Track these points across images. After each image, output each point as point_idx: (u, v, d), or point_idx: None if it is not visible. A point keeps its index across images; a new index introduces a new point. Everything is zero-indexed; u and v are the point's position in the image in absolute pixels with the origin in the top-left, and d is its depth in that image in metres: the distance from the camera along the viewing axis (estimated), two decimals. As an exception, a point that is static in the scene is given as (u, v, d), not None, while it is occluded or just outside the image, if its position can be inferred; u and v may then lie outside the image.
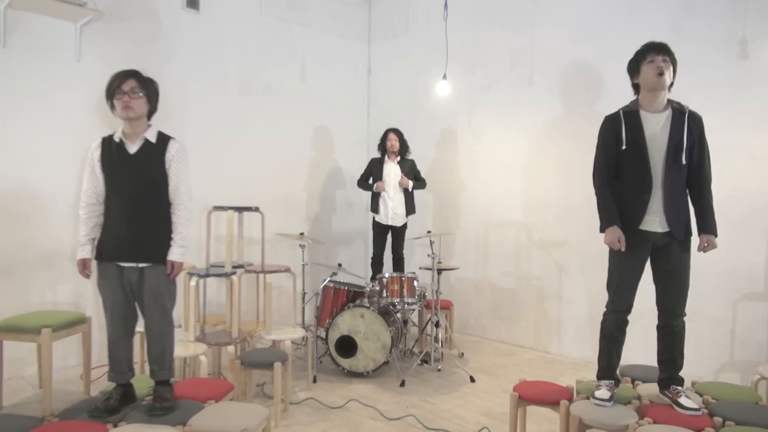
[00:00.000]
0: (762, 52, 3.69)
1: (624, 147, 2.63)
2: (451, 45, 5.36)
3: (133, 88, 2.52)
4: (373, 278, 4.57)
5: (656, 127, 2.60)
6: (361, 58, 6.31)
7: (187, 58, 4.77)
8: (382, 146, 5.04)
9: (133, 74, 2.55)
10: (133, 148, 2.56)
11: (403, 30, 6.00)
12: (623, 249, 2.61)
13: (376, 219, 5.07)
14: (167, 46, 4.65)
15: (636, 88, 2.71)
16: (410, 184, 4.99)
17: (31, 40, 3.96)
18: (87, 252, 2.61)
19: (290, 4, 5.55)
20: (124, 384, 2.62)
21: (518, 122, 5.01)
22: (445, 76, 5.23)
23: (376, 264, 5.10)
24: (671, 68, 2.59)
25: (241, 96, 5.17)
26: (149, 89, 2.59)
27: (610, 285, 2.72)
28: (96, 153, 2.59)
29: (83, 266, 2.62)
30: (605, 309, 2.75)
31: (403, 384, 3.91)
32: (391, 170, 4.99)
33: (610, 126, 2.70)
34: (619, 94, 4.31)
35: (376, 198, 5.04)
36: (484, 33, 5.25)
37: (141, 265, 2.56)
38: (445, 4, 5.34)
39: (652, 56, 2.58)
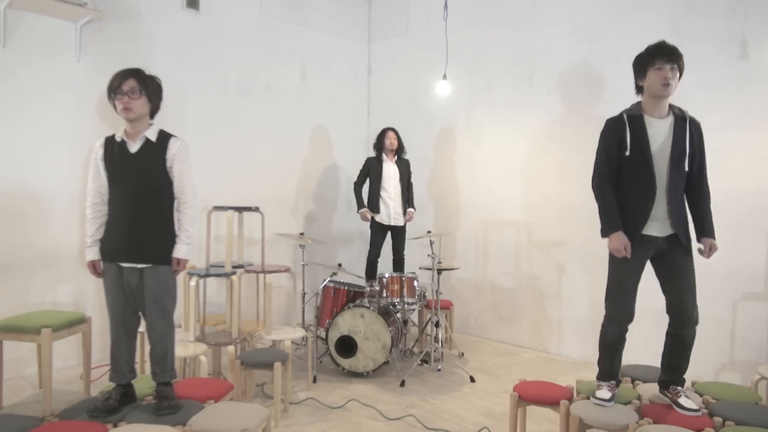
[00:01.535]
0: (762, 52, 3.69)
1: (628, 153, 2.58)
2: (451, 45, 5.36)
3: (133, 88, 2.49)
4: (368, 280, 4.57)
5: (660, 133, 2.56)
6: (361, 58, 6.31)
7: (187, 58, 4.77)
8: (380, 144, 5.00)
9: (133, 73, 2.52)
10: (134, 147, 2.55)
11: (403, 30, 6.00)
12: (629, 256, 2.56)
13: (376, 219, 5.01)
14: (167, 46, 4.65)
15: (639, 88, 2.66)
16: (413, 215, 5.08)
17: (31, 40, 3.96)
18: (95, 253, 2.60)
19: (290, 4, 5.55)
20: (124, 384, 2.61)
21: (518, 122, 5.01)
22: (445, 76, 5.23)
23: (372, 265, 5.03)
24: (678, 76, 2.54)
25: (241, 96, 5.17)
26: (149, 88, 2.56)
27: (611, 293, 2.65)
28: (99, 152, 2.58)
29: (93, 268, 2.62)
30: (605, 320, 2.67)
31: (403, 384, 3.91)
32: (391, 170, 4.98)
33: (612, 129, 2.64)
34: (619, 94, 4.32)
35: (375, 198, 5.00)
36: (484, 33, 5.25)
37: (140, 266, 2.55)
38: (445, 4, 5.34)
39: (661, 63, 2.51)
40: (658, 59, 2.52)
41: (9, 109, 3.88)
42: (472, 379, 4.05)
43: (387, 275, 4.26)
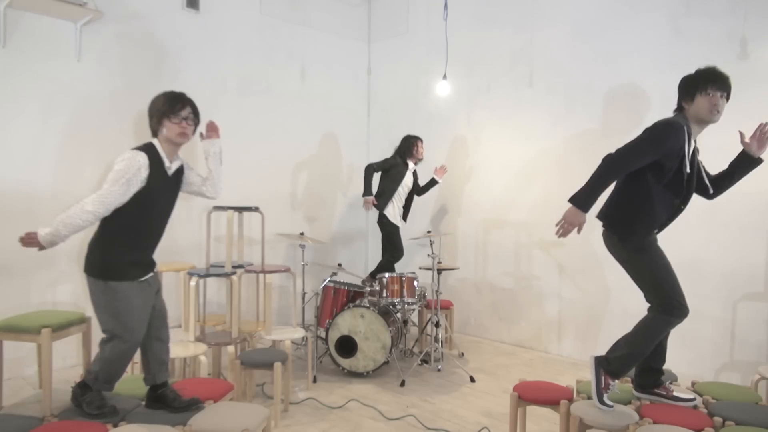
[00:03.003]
0: (762, 52, 3.69)
1: (687, 171, 2.48)
2: (451, 45, 5.36)
3: (190, 115, 2.51)
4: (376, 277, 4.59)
5: (693, 157, 2.53)
6: (361, 58, 6.31)
7: (187, 58, 4.77)
8: (408, 152, 4.93)
9: (190, 101, 2.54)
10: (170, 169, 2.55)
11: (403, 30, 6.00)
12: (578, 233, 2.55)
13: (391, 219, 4.93)
14: (167, 46, 4.65)
15: (680, 108, 2.56)
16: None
17: (31, 40, 3.96)
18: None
19: (290, 4, 5.55)
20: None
21: (518, 122, 5.01)
22: (445, 76, 5.23)
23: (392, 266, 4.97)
24: (725, 105, 2.49)
25: (240, 96, 5.17)
26: (199, 118, 2.61)
27: (665, 283, 2.50)
28: (144, 173, 2.41)
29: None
30: (669, 313, 2.50)
31: (403, 384, 3.91)
32: (408, 178, 4.97)
33: (676, 137, 2.43)
34: (619, 95, 4.32)
35: (387, 195, 4.90)
36: (484, 33, 5.25)
37: (154, 271, 2.63)
38: (445, 4, 5.33)
39: (713, 90, 2.44)
40: (711, 87, 2.44)
41: (9, 109, 3.88)
42: (472, 379, 4.05)
43: (387, 275, 4.26)
